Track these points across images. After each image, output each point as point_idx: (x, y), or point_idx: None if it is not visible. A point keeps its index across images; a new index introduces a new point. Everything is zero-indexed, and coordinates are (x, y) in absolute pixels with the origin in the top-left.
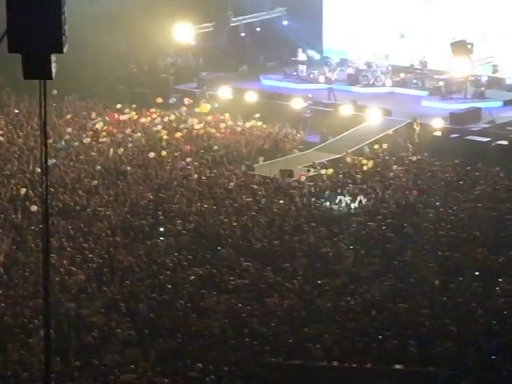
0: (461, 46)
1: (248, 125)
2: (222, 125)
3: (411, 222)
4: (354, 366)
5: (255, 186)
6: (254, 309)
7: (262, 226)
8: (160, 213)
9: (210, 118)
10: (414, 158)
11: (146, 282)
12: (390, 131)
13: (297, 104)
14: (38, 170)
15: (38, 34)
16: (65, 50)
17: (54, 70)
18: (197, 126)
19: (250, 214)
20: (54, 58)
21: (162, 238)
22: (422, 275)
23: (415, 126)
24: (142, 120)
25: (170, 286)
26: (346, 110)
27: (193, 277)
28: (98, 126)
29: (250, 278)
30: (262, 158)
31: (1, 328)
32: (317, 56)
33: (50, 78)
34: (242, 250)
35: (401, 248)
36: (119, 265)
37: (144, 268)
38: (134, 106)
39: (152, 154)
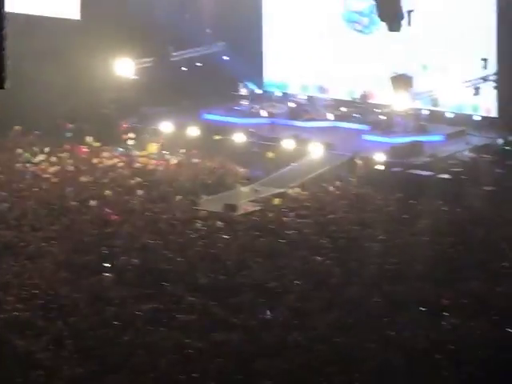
0: (401, 80)
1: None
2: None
3: (356, 256)
4: None
5: (200, 221)
6: (201, 344)
7: (207, 261)
8: (104, 248)
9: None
10: (358, 192)
11: (92, 319)
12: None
13: (239, 138)
14: None
15: None
16: (6, 85)
17: None
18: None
19: (194, 249)
20: None
21: (107, 274)
22: (367, 309)
23: (358, 160)
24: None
25: (115, 323)
26: (288, 144)
27: (139, 312)
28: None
29: (197, 313)
30: (205, 193)
31: None
32: (258, 90)
33: None
34: (188, 285)
35: (346, 282)
36: (65, 301)
37: (89, 304)
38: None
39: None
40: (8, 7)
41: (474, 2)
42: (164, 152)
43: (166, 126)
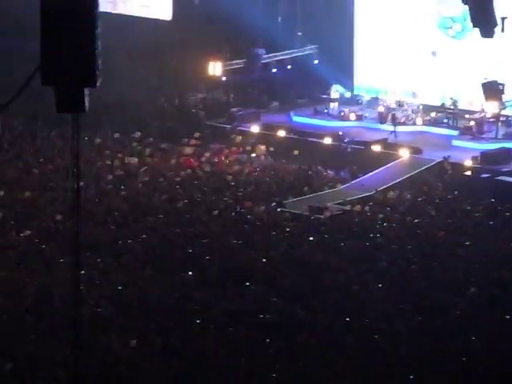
0: (492, 87)
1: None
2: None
3: (441, 262)
4: None
5: (285, 223)
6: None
7: (291, 262)
8: (188, 247)
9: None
10: (445, 197)
11: (176, 316)
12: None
13: (327, 141)
14: None
15: (72, 68)
16: (98, 84)
17: (87, 104)
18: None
19: (279, 250)
20: (87, 91)
21: (190, 273)
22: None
23: (446, 166)
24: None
25: (198, 321)
26: (376, 148)
27: (220, 312)
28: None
29: (279, 314)
30: (291, 195)
31: (29, 363)
32: (347, 94)
33: (83, 111)
34: (271, 287)
35: (430, 287)
36: (149, 299)
37: (173, 302)
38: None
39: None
40: (102, 7)
41: None
42: (253, 154)
43: (255, 127)
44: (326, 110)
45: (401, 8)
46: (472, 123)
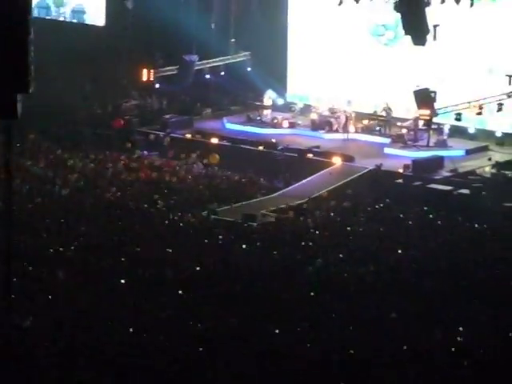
0: (424, 94)
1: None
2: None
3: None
4: None
5: (218, 230)
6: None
7: (224, 271)
8: (121, 255)
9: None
10: (377, 206)
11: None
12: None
13: (260, 148)
14: None
15: (4, 74)
16: (31, 90)
17: (19, 110)
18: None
19: (212, 259)
20: (19, 97)
21: (122, 281)
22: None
23: (378, 173)
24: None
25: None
26: (309, 156)
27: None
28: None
29: (212, 322)
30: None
31: None
32: (280, 101)
33: (16, 118)
34: (204, 295)
35: (359, 294)
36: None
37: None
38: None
39: None
40: (35, 12)
41: (500, 17)
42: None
43: (188, 134)
44: (258, 117)
45: (334, 15)
46: (404, 131)
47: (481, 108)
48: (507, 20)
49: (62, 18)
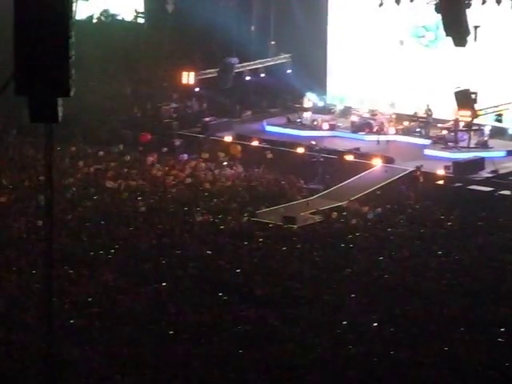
0: (465, 95)
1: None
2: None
3: (414, 271)
4: None
5: (257, 232)
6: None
7: (263, 273)
8: (162, 258)
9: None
10: (417, 207)
11: (148, 328)
12: (394, 179)
13: (300, 151)
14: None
15: (45, 78)
16: (71, 93)
17: (60, 114)
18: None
19: (252, 261)
20: (60, 101)
21: (163, 284)
22: (423, 324)
23: (418, 175)
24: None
25: (171, 332)
26: (349, 158)
27: (194, 323)
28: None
29: (252, 324)
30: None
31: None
32: (320, 103)
33: (57, 122)
34: (244, 297)
35: (403, 296)
36: (121, 310)
37: (146, 313)
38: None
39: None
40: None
41: None
42: (226, 163)
43: (228, 137)
44: (298, 120)
45: (375, 17)
46: (444, 132)
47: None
48: None
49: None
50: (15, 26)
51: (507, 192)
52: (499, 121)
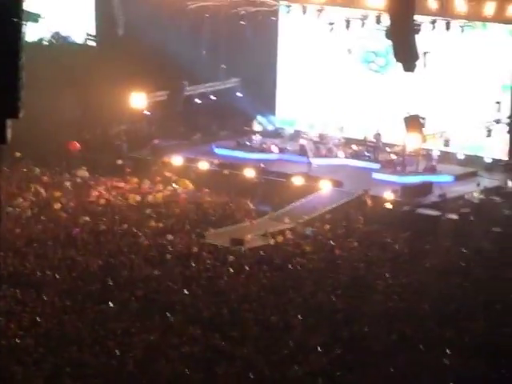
0: (414, 121)
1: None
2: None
3: (361, 294)
4: None
5: (205, 254)
6: (203, 376)
7: (211, 294)
8: (109, 279)
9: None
10: (365, 230)
11: (95, 349)
12: (343, 202)
13: (248, 173)
14: None
15: None
16: (20, 115)
17: (9, 136)
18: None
19: (199, 282)
20: (9, 122)
21: (111, 305)
22: (370, 346)
23: (366, 198)
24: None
25: (117, 353)
26: (297, 181)
27: (140, 344)
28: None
29: (199, 345)
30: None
31: None
32: (270, 127)
33: (5, 143)
34: (191, 318)
35: (350, 319)
36: (67, 330)
37: (91, 334)
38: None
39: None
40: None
41: (491, 45)
42: (174, 186)
43: (177, 160)
44: (248, 142)
45: (325, 41)
46: (393, 156)
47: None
48: (496, 46)
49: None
50: None
51: (454, 216)
52: (447, 145)
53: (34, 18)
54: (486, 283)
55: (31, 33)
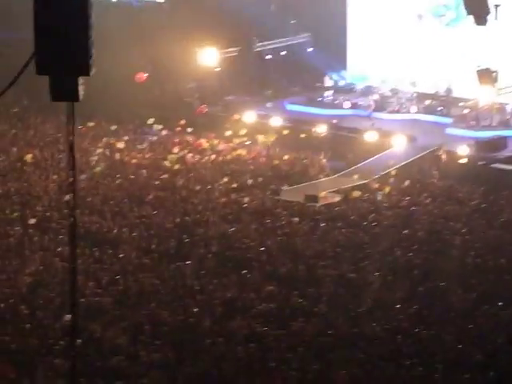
0: (486, 74)
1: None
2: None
3: (437, 249)
4: None
5: (280, 211)
6: (279, 333)
7: (287, 251)
8: (185, 236)
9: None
10: (440, 185)
11: (172, 305)
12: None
13: (321, 129)
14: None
15: (66, 57)
16: (91, 73)
17: (81, 93)
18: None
19: (275, 239)
20: (81, 80)
21: (187, 262)
22: (448, 302)
23: (441, 153)
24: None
25: (195, 310)
26: (371, 137)
27: (217, 301)
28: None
29: (276, 302)
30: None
31: (26, 350)
32: (342, 82)
33: (77, 100)
34: (268, 274)
35: (427, 274)
36: (145, 288)
37: (169, 291)
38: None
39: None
40: None
41: None
42: (248, 142)
43: (249, 116)
44: (319, 98)
45: None
46: (466, 111)
47: None
48: None
49: None
50: (35, 6)
51: None
52: None
53: None
54: None
55: None
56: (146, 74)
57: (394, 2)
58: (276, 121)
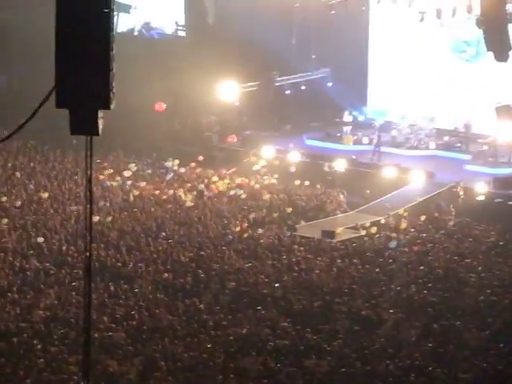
0: (505, 111)
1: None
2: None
3: (452, 287)
4: None
5: (296, 247)
6: (292, 370)
7: (302, 287)
8: (200, 271)
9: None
10: (457, 222)
11: (186, 341)
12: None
13: (339, 165)
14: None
15: (86, 90)
16: (112, 106)
17: (100, 126)
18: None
19: (291, 275)
20: (100, 113)
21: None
22: (462, 340)
23: (458, 190)
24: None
25: (209, 346)
26: (389, 172)
27: (232, 337)
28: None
29: (290, 338)
30: (304, 219)
31: None
32: (361, 117)
33: (97, 135)
34: (283, 311)
35: (441, 312)
36: (159, 323)
37: (184, 326)
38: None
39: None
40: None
41: None
42: (265, 177)
43: (268, 151)
44: (338, 134)
45: (415, 31)
46: (485, 147)
47: None
48: None
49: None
50: (56, 39)
51: None
52: None
53: (126, 8)
54: None
55: (122, 23)
56: (165, 105)
57: (415, 37)
58: (294, 155)
